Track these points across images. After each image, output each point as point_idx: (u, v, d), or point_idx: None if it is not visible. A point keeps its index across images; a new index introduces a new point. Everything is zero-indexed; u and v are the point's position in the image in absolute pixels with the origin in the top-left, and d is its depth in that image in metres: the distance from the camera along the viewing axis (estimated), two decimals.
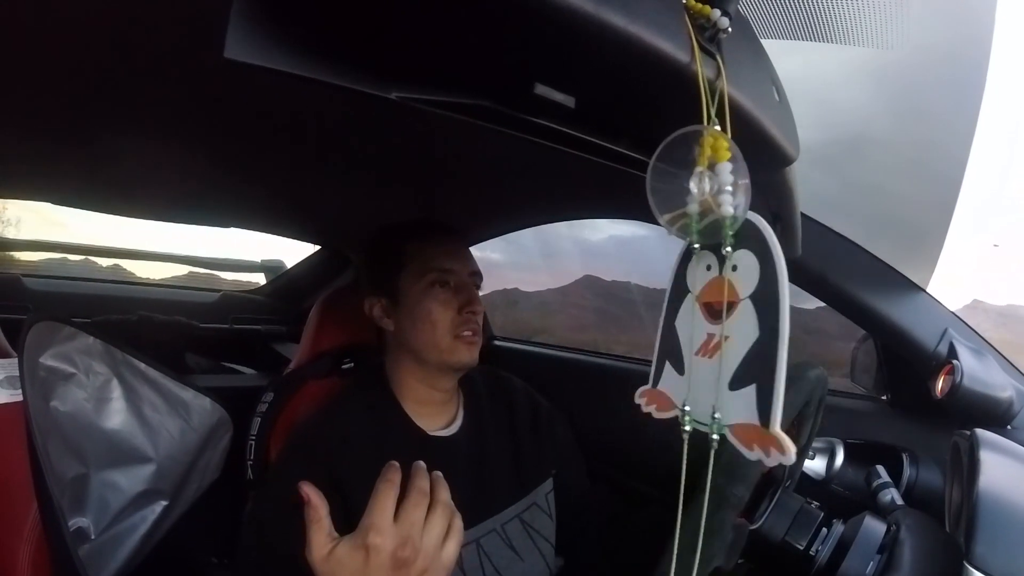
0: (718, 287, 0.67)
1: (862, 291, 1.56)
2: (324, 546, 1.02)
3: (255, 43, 0.55)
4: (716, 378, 0.66)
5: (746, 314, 0.64)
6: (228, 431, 1.92)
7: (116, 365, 1.69)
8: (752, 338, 0.63)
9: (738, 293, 0.65)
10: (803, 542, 1.06)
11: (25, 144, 1.45)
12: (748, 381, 0.63)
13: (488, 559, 1.50)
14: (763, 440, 0.60)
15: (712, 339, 0.68)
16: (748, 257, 0.64)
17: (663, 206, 0.67)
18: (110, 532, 1.60)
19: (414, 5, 0.55)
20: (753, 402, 0.62)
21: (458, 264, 1.59)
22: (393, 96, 0.63)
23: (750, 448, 0.61)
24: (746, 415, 0.62)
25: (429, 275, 1.54)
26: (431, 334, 1.53)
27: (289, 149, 1.45)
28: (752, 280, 0.63)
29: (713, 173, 0.62)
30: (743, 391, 0.63)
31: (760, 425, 0.60)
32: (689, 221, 0.66)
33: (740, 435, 0.63)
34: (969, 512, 0.97)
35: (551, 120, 0.73)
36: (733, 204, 0.62)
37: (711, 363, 0.67)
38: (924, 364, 1.52)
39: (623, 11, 0.55)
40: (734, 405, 0.64)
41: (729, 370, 0.65)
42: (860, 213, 1.77)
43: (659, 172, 0.66)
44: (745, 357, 0.63)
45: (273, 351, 3.31)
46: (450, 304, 1.54)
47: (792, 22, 1.19)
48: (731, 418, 0.64)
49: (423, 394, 1.60)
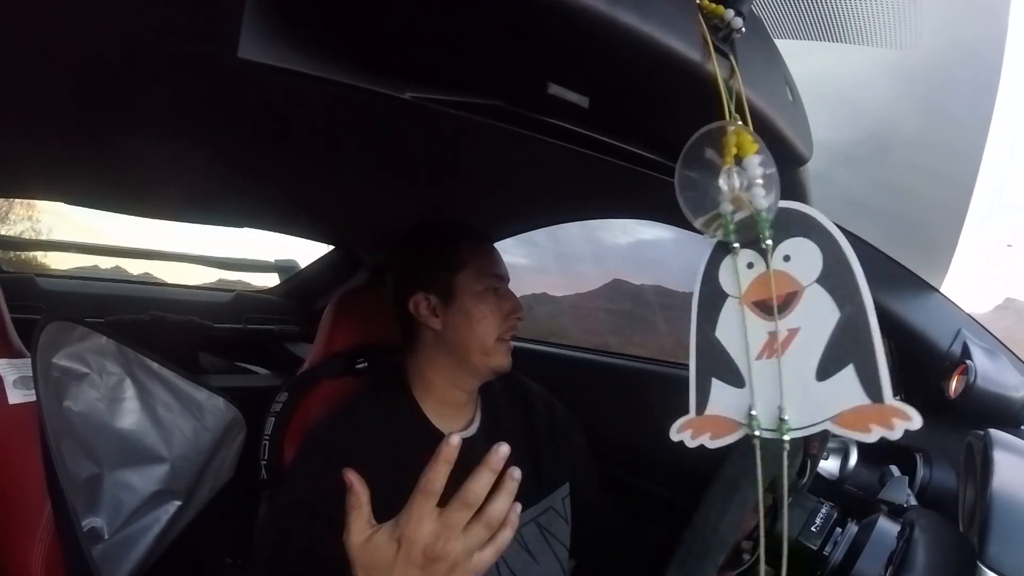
0: (767, 283, 0.66)
1: (875, 290, 1.55)
2: (363, 532, 1.03)
3: (268, 43, 0.55)
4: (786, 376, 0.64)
5: (816, 300, 0.63)
6: (242, 431, 1.92)
7: (129, 365, 1.69)
8: (832, 321, 0.62)
9: (799, 282, 0.64)
10: (817, 542, 1.06)
11: (41, 144, 1.46)
12: (842, 364, 0.62)
13: (504, 561, 1.50)
14: (880, 416, 0.59)
15: (775, 337, 0.66)
16: (800, 243, 0.64)
17: (696, 210, 0.67)
18: (124, 532, 1.60)
19: (427, 6, 0.55)
20: (855, 382, 0.61)
21: (504, 271, 1.63)
22: (407, 96, 0.64)
23: (867, 431, 0.60)
24: (851, 399, 0.61)
25: (487, 279, 1.57)
26: (480, 335, 1.53)
27: (302, 149, 1.45)
28: (815, 264, 0.63)
29: (741, 168, 0.62)
30: (838, 376, 0.62)
31: (872, 402, 0.60)
32: (724, 220, 0.65)
33: (850, 422, 0.61)
34: (983, 512, 0.97)
35: (564, 120, 0.73)
36: (766, 197, 0.61)
37: (784, 362, 0.65)
38: (937, 364, 1.51)
39: (636, 11, 0.55)
40: (830, 394, 0.62)
41: (807, 362, 0.64)
42: (875, 211, 1.76)
43: (683, 178, 0.66)
44: (830, 342, 0.62)
45: (287, 351, 3.31)
46: (500, 309, 1.57)
47: (805, 22, 1.19)
48: (829, 409, 0.62)
49: (447, 394, 1.60)
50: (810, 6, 1.16)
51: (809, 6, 1.16)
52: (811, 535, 1.07)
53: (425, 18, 0.57)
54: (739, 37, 0.65)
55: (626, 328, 5.49)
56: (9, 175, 1.74)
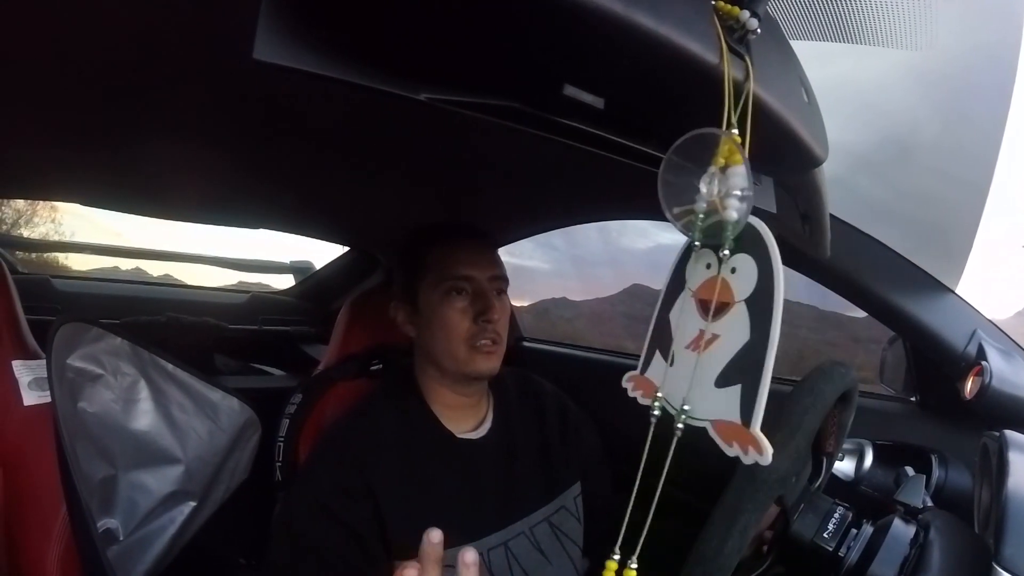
0: (714, 285, 0.69)
1: (891, 292, 1.55)
2: None
3: (283, 45, 0.55)
4: (698, 372, 0.68)
5: (739, 316, 0.66)
6: (256, 432, 1.92)
7: (144, 366, 1.69)
8: (742, 340, 0.65)
9: (733, 295, 0.67)
10: (832, 543, 1.06)
11: (58, 147, 1.46)
12: (733, 381, 0.65)
13: (516, 561, 1.50)
14: (742, 438, 0.62)
15: (703, 335, 0.69)
16: (747, 261, 0.66)
17: (672, 200, 0.70)
18: (139, 533, 1.60)
19: (443, 6, 0.55)
20: (736, 401, 0.64)
21: (477, 270, 1.55)
22: (422, 97, 0.64)
23: (729, 444, 0.63)
24: (729, 413, 0.64)
25: (445, 283, 1.52)
26: (447, 343, 1.52)
27: (318, 150, 1.46)
28: (749, 284, 0.66)
29: (724, 176, 0.63)
30: (728, 390, 0.65)
31: (741, 424, 0.63)
32: (694, 219, 0.67)
33: (721, 431, 0.65)
34: (998, 513, 0.96)
35: (580, 121, 0.74)
36: (738, 209, 0.63)
37: (700, 359, 0.69)
38: (953, 365, 1.51)
39: (652, 12, 0.55)
40: (717, 402, 0.66)
41: (715, 368, 0.67)
42: (892, 214, 1.76)
43: (673, 166, 0.68)
44: (733, 358, 0.66)
45: (302, 352, 3.32)
46: (466, 313, 1.52)
47: (819, 23, 1.19)
48: (713, 414, 0.66)
49: (450, 399, 1.59)
50: (825, 7, 1.15)
51: (824, 7, 1.15)
52: (827, 536, 1.07)
53: (440, 19, 0.57)
54: (754, 38, 0.65)
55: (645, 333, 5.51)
56: (27, 177, 1.75)
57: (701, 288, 0.72)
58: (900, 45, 1.28)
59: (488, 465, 1.57)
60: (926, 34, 1.25)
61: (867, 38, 1.25)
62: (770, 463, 0.62)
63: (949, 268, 1.60)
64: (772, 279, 0.64)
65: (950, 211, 1.77)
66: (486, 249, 1.61)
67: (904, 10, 1.20)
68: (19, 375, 1.42)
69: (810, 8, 1.15)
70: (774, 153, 0.68)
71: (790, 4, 1.13)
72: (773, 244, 0.64)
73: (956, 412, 1.55)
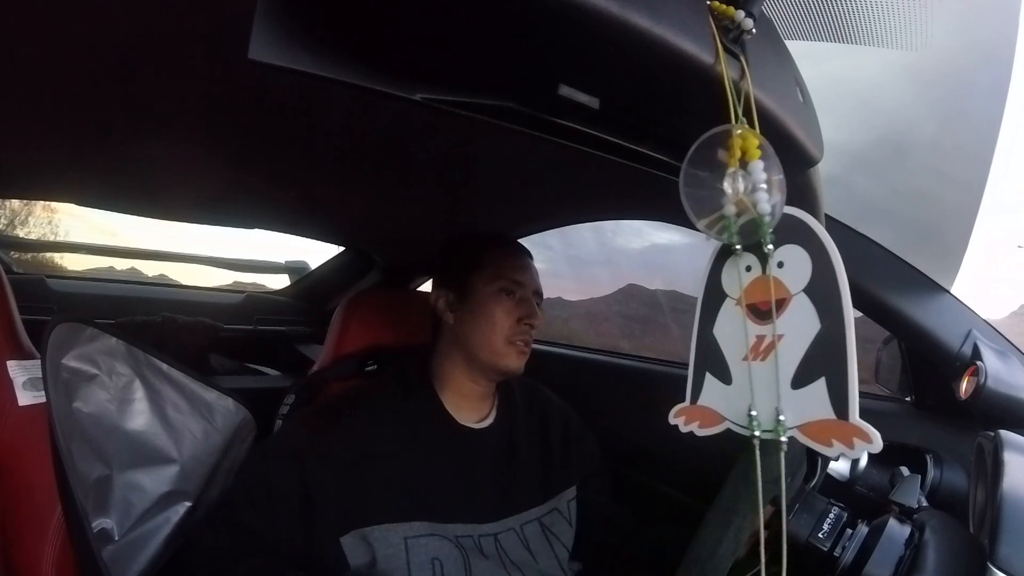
0: (763, 287, 0.67)
1: (886, 292, 1.55)
2: None
3: (279, 45, 0.55)
4: (766, 380, 0.66)
5: (801, 309, 0.64)
6: (252, 432, 1.91)
7: (139, 366, 1.69)
8: (812, 331, 0.63)
9: (788, 289, 0.65)
10: (828, 543, 1.06)
11: (53, 146, 1.46)
12: (815, 376, 0.63)
13: (504, 553, 1.53)
14: (843, 432, 0.60)
15: (763, 341, 0.67)
16: (796, 251, 0.65)
17: (699, 209, 0.67)
18: (134, 533, 1.60)
19: (438, 7, 0.55)
20: (824, 396, 0.62)
21: (527, 279, 1.67)
22: (417, 97, 0.64)
23: (828, 444, 0.61)
24: (818, 411, 0.62)
25: (500, 281, 1.62)
26: (489, 335, 1.60)
27: (313, 150, 1.46)
28: (804, 273, 0.64)
29: (746, 172, 0.62)
30: (810, 387, 0.63)
31: (837, 418, 0.60)
32: (727, 222, 0.66)
33: (814, 433, 0.62)
34: (993, 513, 0.96)
35: (575, 121, 0.73)
36: (769, 201, 0.62)
37: (765, 366, 0.66)
38: (948, 365, 1.51)
39: (648, 12, 0.55)
40: (801, 403, 0.63)
41: (787, 369, 0.65)
42: (888, 213, 1.76)
43: (689, 176, 0.66)
44: (808, 352, 0.63)
45: (297, 352, 3.31)
46: (512, 313, 1.61)
47: (815, 23, 1.19)
48: (800, 418, 0.63)
49: (465, 387, 1.67)
50: (820, 8, 1.16)
51: (819, 8, 1.15)
52: (822, 536, 1.07)
53: (436, 19, 0.57)
54: (750, 39, 0.65)
55: (640, 333, 5.49)
56: (22, 176, 1.74)
57: (748, 292, 0.70)
58: (896, 45, 1.28)
59: (485, 455, 1.62)
60: (922, 33, 1.25)
61: (863, 38, 1.26)
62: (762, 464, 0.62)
63: (944, 268, 1.60)
64: (830, 260, 0.63)
65: (945, 210, 1.77)
66: (533, 265, 1.75)
67: (900, 10, 1.20)
68: (14, 375, 1.42)
69: (805, 8, 1.15)
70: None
71: (785, 4, 1.13)
72: (818, 225, 0.63)
73: (951, 412, 1.55)
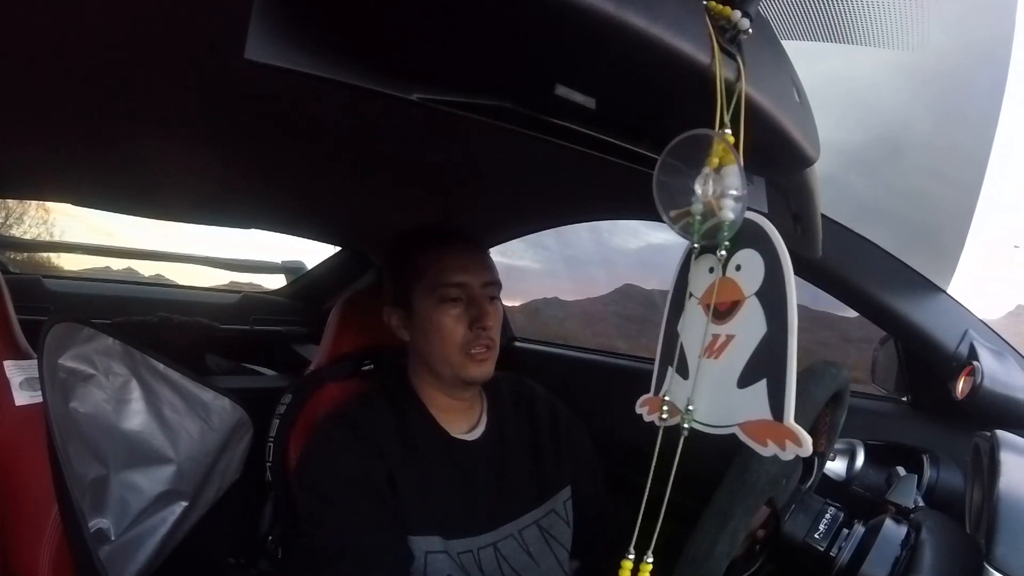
0: (721, 288, 0.68)
1: (882, 292, 1.55)
2: None
3: (276, 45, 0.55)
4: (718, 377, 0.67)
5: (752, 311, 0.65)
6: (248, 432, 1.91)
7: (135, 366, 1.69)
8: (759, 334, 0.64)
9: (742, 291, 0.66)
10: (824, 544, 1.06)
11: (49, 146, 1.46)
12: (758, 377, 0.63)
13: (505, 561, 1.51)
14: (777, 434, 0.60)
15: (717, 340, 0.68)
16: (752, 255, 0.66)
17: (668, 202, 0.69)
18: (130, 533, 1.60)
19: (435, 7, 0.55)
20: (764, 397, 0.62)
21: (471, 276, 1.54)
22: (414, 97, 0.64)
23: (764, 444, 0.62)
24: (758, 411, 0.62)
25: (439, 291, 1.51)
26: (442, 350, 1.52)
27: (309, 150, 1.46)
28: (757, 277, 0.65)
29: (719, 176, 0.62)
30: (753, 387, 0.64)
31: (773, 419, 0.61)
32: (692, 221, 0.67)
33: (752, 432, 0.63)
34: (990, 513, 0.97)
35: (571, 121, 0.74)
36: (734, 209, 0.62)
37: (718, 364, 0.68)
38: (945, 365, 1.52)
39: (644, 12, 0.55)
40: (744, 402, 0.64)
41: (735, 368, 0.66)
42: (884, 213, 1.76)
43: (669, 168, 0.67)
44: (753, 354, 0.64)
45: (294, 352, 3.31)
46: (461, 320, 1.51)
47: (811, 23, 1.19)
48: (741, 416, 0.64)
49: (444, 402, 1.60)
50: (816, 7, 1.16)
51: (815, 7, 1.16)
52: (818, 536, 1.07)
53: (432, 19, 0.57)
54: (746, 39, 0.65)
55: (637, 333, 5.49)
56: (19, 176, 1.74)
57: (707, 292, 0.71)
58: (892, 45, 1.28)
59: (482, 466, 1.58)
60: (918, 33, 1.25)
61: (859, 38, 1.26)
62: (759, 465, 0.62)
63: (941, 268, 1.60)
64: (780, 266, 0.63)
65: (942, 210, 1.77)
66: (478, 254, 1.61)
67: (896, 9, 1.20)
68: (10, 375, 1.41)
69: (802, 8, 1.15)
70: (766, 153, 0.68)
71: (782, 4, 1.13)
72: (775, 232, 0.64)
73: (948, 412, 1.55)
